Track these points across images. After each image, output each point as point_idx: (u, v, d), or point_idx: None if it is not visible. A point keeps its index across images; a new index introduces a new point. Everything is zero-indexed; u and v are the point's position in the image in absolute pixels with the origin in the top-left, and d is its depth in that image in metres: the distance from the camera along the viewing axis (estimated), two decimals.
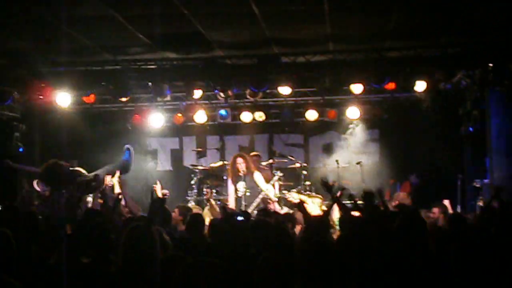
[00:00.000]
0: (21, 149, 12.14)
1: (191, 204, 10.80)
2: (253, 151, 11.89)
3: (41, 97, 11.12)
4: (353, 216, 6.22)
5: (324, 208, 9.11)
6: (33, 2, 7.81)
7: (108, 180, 8.88)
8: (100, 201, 8.16)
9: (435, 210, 8.53)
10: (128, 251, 4.01)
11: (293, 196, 10.11)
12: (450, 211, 8.84)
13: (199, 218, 6.60)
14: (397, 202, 9.17)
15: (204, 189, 11.10)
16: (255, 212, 8.97)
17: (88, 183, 8.68)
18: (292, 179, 11.55)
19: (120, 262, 4.05)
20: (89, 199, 9.19)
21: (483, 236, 5.51)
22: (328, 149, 12.98)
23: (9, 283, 3.82)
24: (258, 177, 10.09)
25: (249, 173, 10.07)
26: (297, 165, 11.64)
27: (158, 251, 4.05)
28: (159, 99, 11.60)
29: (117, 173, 8.95)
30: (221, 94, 11.30)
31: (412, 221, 5.27)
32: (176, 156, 13.55)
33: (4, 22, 8.49)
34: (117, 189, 8.62)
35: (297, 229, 7.25)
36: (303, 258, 4.01)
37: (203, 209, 9.78)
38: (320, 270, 3.87)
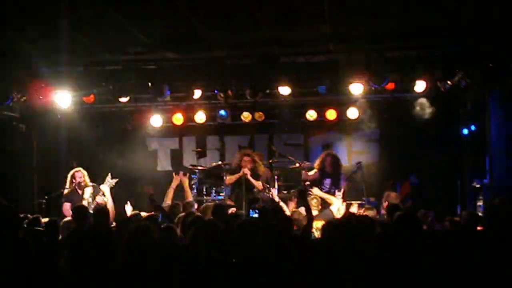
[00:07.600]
0: (20, 149, 12.15)
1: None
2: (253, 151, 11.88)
3: (41, 97, 11.09)
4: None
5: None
6: (34, 2, 7.80)
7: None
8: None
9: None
10: (129, 251, 4.01)
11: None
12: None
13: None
14: (387, 203, 9.15)
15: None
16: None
17: None
18: (292, 179, 11.54)
19: (121, 262, 4.05)
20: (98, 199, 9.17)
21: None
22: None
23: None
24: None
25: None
26: (297, 165, 11.63)
27: (158, 251, 4.04)
28: (159, 99, 11.59)
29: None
30: (221, 94, 11.29)
31: (406, 223, 5.20)
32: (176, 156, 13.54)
33: (4, 22, 8.48)
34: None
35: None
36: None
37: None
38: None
